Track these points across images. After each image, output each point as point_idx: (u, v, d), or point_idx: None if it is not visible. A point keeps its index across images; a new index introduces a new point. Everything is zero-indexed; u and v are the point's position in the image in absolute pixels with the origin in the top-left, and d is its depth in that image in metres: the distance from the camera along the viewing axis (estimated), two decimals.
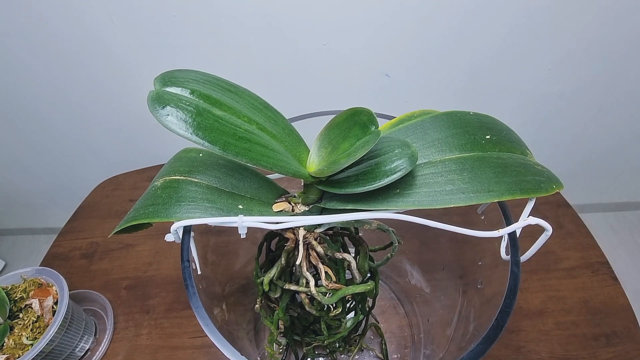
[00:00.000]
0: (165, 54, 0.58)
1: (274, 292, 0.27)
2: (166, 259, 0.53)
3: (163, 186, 0.22)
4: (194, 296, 0.21)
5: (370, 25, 0.54)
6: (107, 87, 0.65)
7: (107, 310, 0.48)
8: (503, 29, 0.55)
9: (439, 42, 0.56)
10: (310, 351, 0.37)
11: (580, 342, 0.41)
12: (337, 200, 0.22)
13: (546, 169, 0.22)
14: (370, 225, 0.25)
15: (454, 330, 0.31)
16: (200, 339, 0.44)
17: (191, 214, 0.21)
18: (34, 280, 0.41)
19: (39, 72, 0.63)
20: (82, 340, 0.43)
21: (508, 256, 0.22)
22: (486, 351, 0.19)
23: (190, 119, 0.18)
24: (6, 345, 0.37)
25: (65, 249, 0.56)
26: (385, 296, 0.46)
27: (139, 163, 0.70)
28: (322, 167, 0.21)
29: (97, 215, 0.61)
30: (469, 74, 0.62)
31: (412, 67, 0.60)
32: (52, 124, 0.74)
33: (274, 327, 0.29)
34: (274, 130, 0.22)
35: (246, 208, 0.22)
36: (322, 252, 0.25)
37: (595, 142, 0.77)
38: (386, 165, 0.19)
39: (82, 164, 0.84)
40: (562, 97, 0.67)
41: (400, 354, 0.41)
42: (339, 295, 0.25)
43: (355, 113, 0.21)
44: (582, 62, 0.61)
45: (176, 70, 0.21)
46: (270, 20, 0.53)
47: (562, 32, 0.56)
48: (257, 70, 0.60)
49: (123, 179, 0.67)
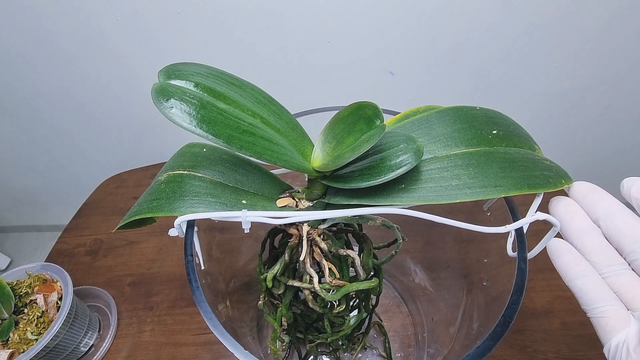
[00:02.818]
0: (169, 51, 0.58)
1: (277, 289, 0.27)
2: (170, 256, 0.54)
3: (167, 181, 0.22)
4: (197, 290, 0.21)
5: (374, 23, 0.54)
6: (111, 85, 0.65)
7: (111, 307, 0.48)
8: (509, 26, 0.54)
9: (444, 40, 0.56)
10: (313, 349, 0.36)
11: (587, 342, 0.41)
12: (342, 196, 0.22)
13: (555, 164, 0.22)
14: (375, 221, 0.25)
15: (458, 329, 0.30)
16: (203, 336, 0.44)
17: (195, 209, 0.21)
18: (39, 276, 0.42)
19: (44, 71, 0.64)
20: (86, 336, 0.43)
21: (514, 253, 0.22)
22: (492, 348, 0.19)
23: (194, 111, 0.18)
24: (11, 340, 0.37)
25: (70, 246, 0.57)
26: (389, 294, 0.46)
27: (143, 161, 0.70)
28: (326, 162, 0.21)
29: (101, 213, 0.61)
30: (473, 73, 0.61)
31: (416, 65, 0.60)
32: (57, 122, 0.75)
33: (277, 324, 0.28)
34: (278, 124, 0.22)
35: (250, 203, 0.22)
36: (326, 248, 0.25)
37: (601, 140, 0.76)
38: (391, 160, 0.19)
39: (87, 162, 0.85)
40: (568, 95, 0.66)
41: (404, 352, 0.41)
42: (343, 292, 0.24)
43: (360, 107, 0.21)
44: (589, 60, 0.60)
45: (180, 64, 0.20)
46: (275, 17, 0.53)
47: (568, 30, 0.55)
48: (261, 67, 0.60)
49: (127, 177, 0.67)
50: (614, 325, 0.18)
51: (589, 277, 0.19)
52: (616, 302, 0.18)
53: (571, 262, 0.19)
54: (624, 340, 0.17)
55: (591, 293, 0.18)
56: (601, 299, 0.18)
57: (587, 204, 0.20)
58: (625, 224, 0.18)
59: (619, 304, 0.18)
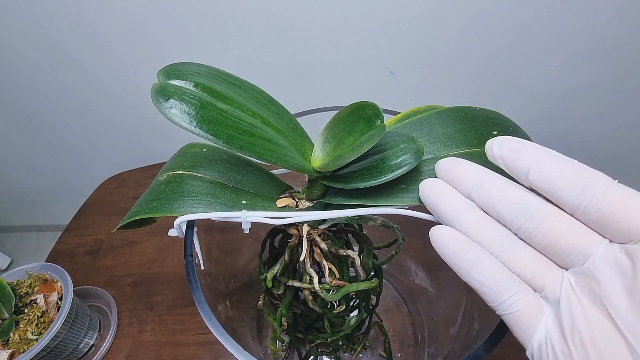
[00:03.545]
0: (169, 51, 0.58)
1: (277, 289, 0.27)
2: (170, 256, 0.54)
3: (167, 181, 0.22)
4: (197, 290, 0.21)
5: (375, 22, 0.54)
6: (111, 85, 0.65)
7: (111, 307, 0.48)
8: (509, 26, 0.54)
9: (444, 39, 0.56)
10: (313, 349, 0.36)
11: None
12: (342, 196, 0.22)
13: None
14: (375, 221, 0.25)
15: (459, 329, 0.30)
16: (203, 336, 0.44)
17: (194, 209, 0.21)
18: (39, 276, 0.42)
19: (44, 70, 0.64)
20: (87, 336, 0.43)
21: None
22: (493, 348, 0.19)
23: (194, 111, 0.18)
24: (12, 340, 0.37)
25: (70, 246, 0.57)
26: (389, 295, 0.46)
27: (143, 161, 0.70)
28: (326, 162, 0.21)
29: (102, 213, 0.61)
30: (474, 73, 0.61)
31: (417, 65, 0.60)
32: (58, 122, 0.75)
33: (277, 324, 0.28)
34: (278, 124, 0.22)
35: (250, 203, 0.22)
36: (326, 248, 0.25)
37: (602, 140, 0.76)
38: (391, 160, 0.19)
39: (87, 162, 0.85)
40: (569, 95, 0.66)
41: (404, 352, 0.41)
42: (343, 292, 0.24)
43: (360, 107, 0.21)
44: (589, 60, 0.60)
45: (180, 63, 0.20)
46: (275, 17, 0.53)
47: (569, 30, 0.55)
48: (261, 67, 0.60)
49: (127, 177, 0.67)
50: (528, 319, 0.15)
51: (485, 264, 0.16)
52: (521, 286, 0.15)
53: (460, 252, 0.16)
54: (544, 337, 0.15)
55: (492, 284, 0.15)
56: (505, 288, 0.15)
57: (453, 179, 0.17)
58: (496, 189, 0.16)
59: (526, 288, 0.15)
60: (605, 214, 0.14)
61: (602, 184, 0.14)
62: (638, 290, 0.12)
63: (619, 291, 0.13)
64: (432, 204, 0.18)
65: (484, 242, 0.16)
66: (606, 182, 0.14)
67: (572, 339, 0.14)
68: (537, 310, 0.15)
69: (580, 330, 0.13)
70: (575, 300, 0.14)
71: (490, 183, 0.16)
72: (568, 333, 0.14)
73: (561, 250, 0.15)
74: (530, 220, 0.15)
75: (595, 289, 0.14)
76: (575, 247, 0.14)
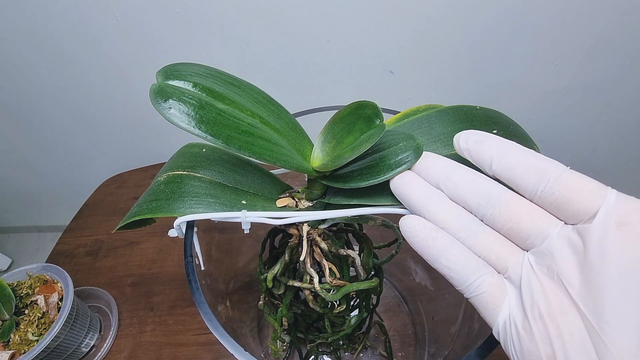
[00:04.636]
0: (168, 51, 0.58)
1: (278, 289, 0.27)
2: (170, 256, 0.54)
3: (166, 181, 0.22)
4: (197, 291, 0.21)
5: (374, 21, 0.54)
6: (111, 85, 0.65)
7: (112, 307, 0.48)
8: (509, 26, 0.54)
9: (444, 39, 0.56)
10: (314, 349, 0.36)
11: None
12: (342, 196, 0.22)
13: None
14: (375, 221, 0.25)
15: (459, 328, 0.30)
16: (204, 336, 0.44)
17: (194, 209, 0.21)
18: (40, 277, 0.42)
19: (44, 71, 0.63)
20: (87, 337, 0.43)
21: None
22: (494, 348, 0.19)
23: (193, 112, 0.18)
24: (12, 341, 0.37)
25: (71, 247, 0.57)
26: (389, 294, 0.46)
27: (143, 161, 0.70)
28: (326, 162, 0.21)
29: (102, 213, 0.61)
30: (474, 72, 0.61)
31: (416, 64, 0.60)
32: (58, 123, 0.75)
33: (277, 324, 0.28)
34: (278, 124, 0.22)
35: (249, 203, 0.22)
36: (326, 248, 0.25)
37: (602, 140, 0.76)
38: (391, 159, 0.19)
39: (87, 163, 0.85)
40: (569, 94, 0.66)
41: (405, 352, 0.41)
42: (343, 292, 0.24)
43: (359, 106, 0.21)
44: (589, 60, 0.60)
45: (179, 64, 0.20)
46: (274, 17, 0.53)
47: (569, 29, 0.55)
48: (260, 67, 0.60)
49: (127, 177, 0.67)
50: (493, 300, 0.16)
51: (452, 249, 0.16)
52: (487, 268, 0.16)
53: (427, 238, 0.17)
54: (508, 315, 0.15)
55: (459, 268, 0.16)
56: (472, 271, 0.16)
57: (422, 171, 0.18)
58: (463, 180, 0.17)
59: (491, 271, 0.16)
60: (558, 197, 0.15)
61: (555, 170, 0.15)
62: (588, 265, 0.14)
63: (573, 267, 0.14)
64: (402, 194, 0.19)
65: (451, 229, 0.17)
66: (559, 168, 0.15)
67: (532, 314, 0.15)
68: (501, 290, 0.16)
69: (539, 305, 0.14)
70: (534, 279, 0.15)
71: (457, 174, 0.17)
72: (528, 309, 0.15)
73: (522, 233, 0.16)
74: (493, 207, 0.16)
75: (552, 266, 0.15)
76: (534, 230, 0.16)
